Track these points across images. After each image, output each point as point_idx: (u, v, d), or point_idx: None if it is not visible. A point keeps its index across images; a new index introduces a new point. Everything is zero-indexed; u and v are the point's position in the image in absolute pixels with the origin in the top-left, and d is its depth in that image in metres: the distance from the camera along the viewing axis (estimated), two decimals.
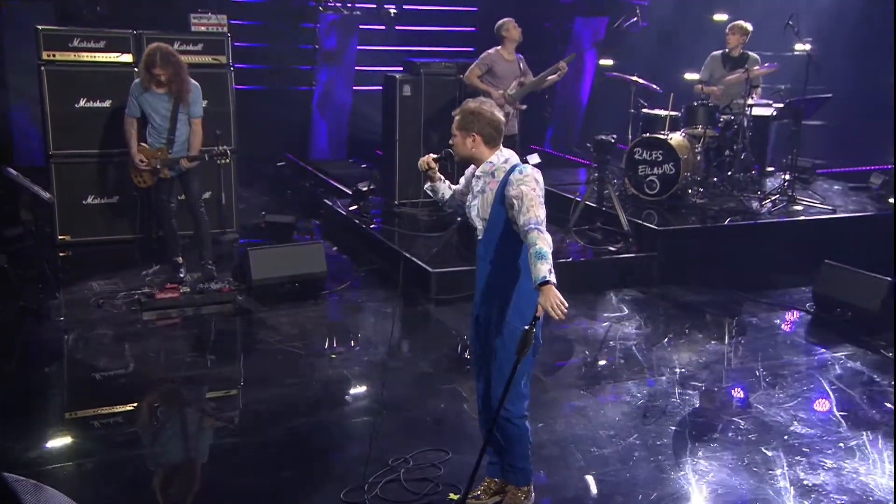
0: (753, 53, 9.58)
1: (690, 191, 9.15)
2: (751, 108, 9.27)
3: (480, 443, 4.04)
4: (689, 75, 10.11)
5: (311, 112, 12.41)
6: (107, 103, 8.20)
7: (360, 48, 12.56)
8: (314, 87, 12.33)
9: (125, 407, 5.63)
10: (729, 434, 5.28)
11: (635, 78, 9.43)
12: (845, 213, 9.07)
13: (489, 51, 8.64)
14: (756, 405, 5.70)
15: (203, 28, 8.52)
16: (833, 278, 7.31)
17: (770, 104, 9.70)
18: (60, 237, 8.26)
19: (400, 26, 12.89)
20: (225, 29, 8.60)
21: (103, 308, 6.94)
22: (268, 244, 8.04)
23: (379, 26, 12.74)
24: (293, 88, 12.63)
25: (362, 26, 12.49)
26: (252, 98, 11.62)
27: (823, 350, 6.72)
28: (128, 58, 8.19)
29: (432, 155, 4.29)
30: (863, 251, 7.84)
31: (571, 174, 10.68)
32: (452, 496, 4.46)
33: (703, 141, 9.23)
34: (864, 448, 5.13)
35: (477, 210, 4.08)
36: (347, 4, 12.25)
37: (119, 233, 8.49)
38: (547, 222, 3.80)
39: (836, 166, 11.09)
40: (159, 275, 7.61)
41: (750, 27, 9.50)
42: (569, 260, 7.95)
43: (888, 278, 6.92)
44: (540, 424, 5.27)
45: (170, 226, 7.51)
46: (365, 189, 9.51)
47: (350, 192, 9.78)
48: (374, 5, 12.64)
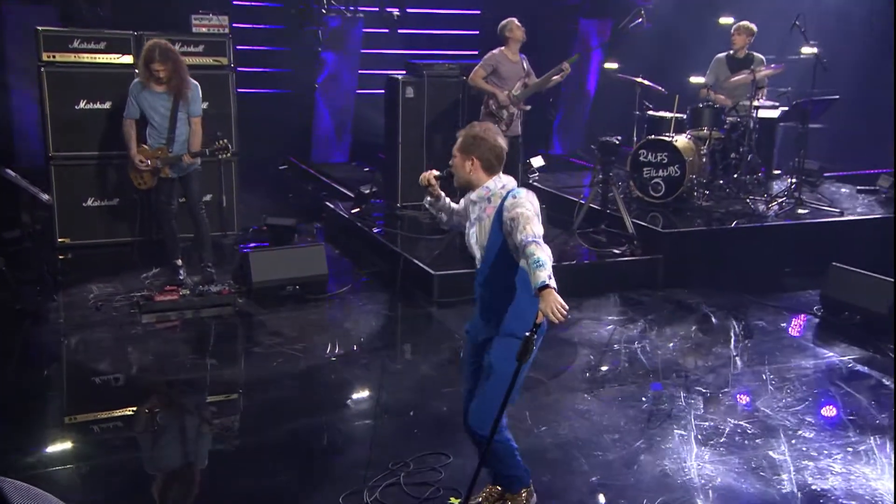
0: (759, 54, 9.50)
1: (696, 193, 9.05)
2: (757, 110, 9.18)
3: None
4: (695, 78, 10.03)
5: (314, 115, 12.36)
6: (107, 105, 8.11)
7: (364, 52, 12.51)
8: (317, 91, 12.28)
9: (123, 409, 5.57)
10: (735, 438, 5.18)
11: (640, 79, 9.36)
12: (853, 216, 8.97)
13: (493, 51, 8.56)
14: (763, 409, 5.61)
15: (204, 29, 8.45)
16: (841, 281, 7.23)
17: (776, 105, 9.61)
18: (60, 240, 8.17)
19: (403, 30, 12.89)
20: (226, 30, 8.53)
21: (102, 310, 6.88)
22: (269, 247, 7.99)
23: (382, 30, 12.71)
24: (296, 92, 12.60)
25: (365, 30, 12.45)
26: (254, 101, 11.60)
27: (831, 353, 6.63)
28: (128, 59, 8.09)
29: (434, 172, 4.24)
30: (871, 254, 7.74)
31: (576, 177, 10.62)
32: (453, 501, 4.40)
33: (709, 143, 9.15)
34: (873, 453, 5.03)
35: (476, 237, 4.01)
36: (350, 7, 12.21)
37: (119, 235, 8.41)
38: (551, 225, 3.73)
39: (844, 169, 10.99)
40: (159, 277, 7.55)
41: (755, 28, 9.44)
42: (573, 263, 7.87)
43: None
44: (543, 428, 5.20)
45: (170, 228, 7.45)
46: (367, 192, 9.46)
47: (352, 195, 9.73)
48: (378, 8, 12.63)
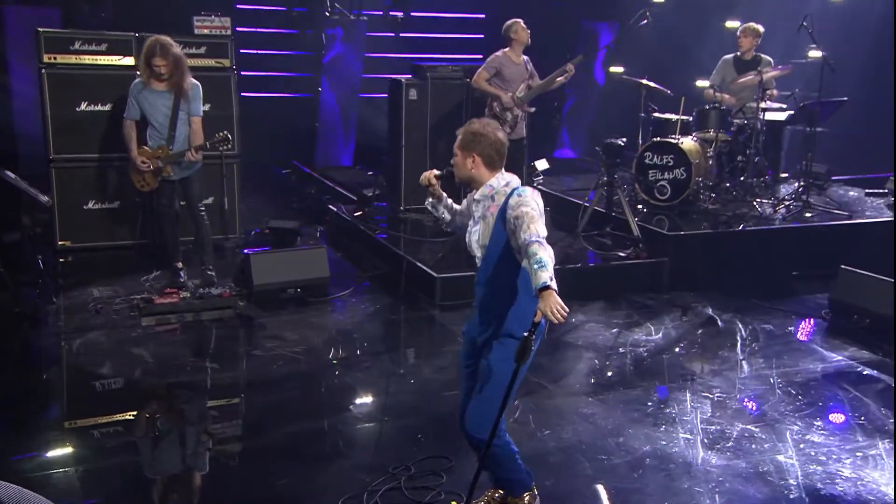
0: (766, 56, 9.41)
1: (702, 196, 8.96)
2: (764, 113, 9.09)
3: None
4: (701, 82, 9.95)
5: (318, 119, 12.30)
6: (108, 107, 8.07)
7: (368, 55, 12.46)
8: (320, 95, 12.23)
9: (122, 413, 5.51)
10: (742, 442, 5.09)
11: (646, 81, 9.28)
12: (861, 219, 8.87)
13: (496, 53, 8.49)
14: (770, 413, 5.51)
15: (206, 31, 8.40)
16: (851, 284, 7.14)
17: (784, 107, 9.52)
18: (61, 243, 8.12)
19: (407, 33, 12.84)
20: (228, 32, 8.47)
21: (101, 313, 6.82)
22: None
23: (386, 34, 12.66)
24: (299, 96, 12.54)
25: (369, 34, 12.40)
26: (258, 105, 11.56)
27: (840, 357, 6.52)
28: (130, 61, 8.04)
29: (434, 171, 4.16)
30: (880, 257, 7.63)
31: (581, 180, 10.52)
32: None
33: (716, 145, 9.06)
34: (882, 458, 4.94)
35: (478, 237, 3.92)
36: (354, 11, 12.16)
37: (120, 238, 8.36)
38: (555, 227, 3.65)
39: (852, 173, 10.88)
40: (159, 280, 7.48)
41: (762, 29, 9.36)
42: (578, 266, 7.79)
43: None
44: (546, 432, 5.12)
45: (170, 231, 7.39)
46: (370, 195, 9.39)
47: (355, 199, 9.67)
48: (381, 12, 12.58)
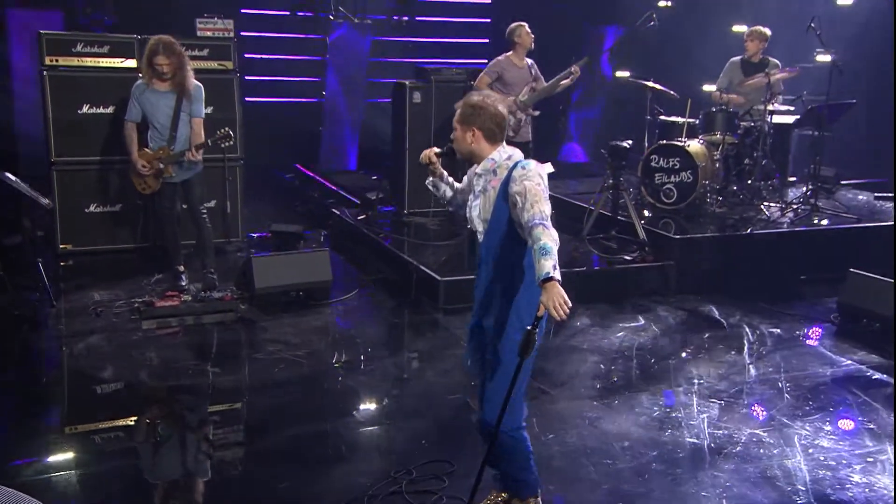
0: (774, 59, 9.33)
1: (709, 199, 8.86)
2: (771, 115, 9.00)
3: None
4: (708, 87, 9.86)
5: (322, 123, 12.26)
6: (110, 109, 8.01)
7: (372, 60, 12.42)
8: (325, 99, 12.19)
9: (123, 416, 5.44)
10: (750, 447, 5.00)
11: (652, 83, 9.20)
12: (870, 223, 8.77)
13: (499, 57, 8.40)
14: (779, 417, 5.42)
15: (209, 33, 8.35)
16: (860, 288, 7.05)
17: (791, 110, 9.43)
18: (62, 246, 8.05)
19: (412, 38, 12.79)
20: (231, 34, 8.42)
21: (102, 316, 6.75)
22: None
23: (391, 38, 12.62)
24: (304, 100, 12.50)
25: (374, 38, 12.35)
26: (262, 109, 11.51)
27: (849, 361, 6.42)
28: (132, 63, 7.98)
29: (434, 149, 4.09)
30: (889, 261, 7.53)
31: (586, 183, 10.43)
32: None
33: (722, 148, 8.97)
34: (892, 463, 4.83)
35: (479, 211, 3.83)
36: (358, 15, 12.12)
37: (121, 241, 8.29)
38: (561, 231, 3.56)
39: (861, 176, 10.78)
40: (161, 283, 7.42)
41: (769, 32, 9.28)
42: (583, 269, 7.71)
43: None
44: (551, 436, 5.04)
45: (172, 234, 7.34)
46: (373, 198, 9.33)
47: (358, 202, 9.61)
48: (386, 16, 12.53)
